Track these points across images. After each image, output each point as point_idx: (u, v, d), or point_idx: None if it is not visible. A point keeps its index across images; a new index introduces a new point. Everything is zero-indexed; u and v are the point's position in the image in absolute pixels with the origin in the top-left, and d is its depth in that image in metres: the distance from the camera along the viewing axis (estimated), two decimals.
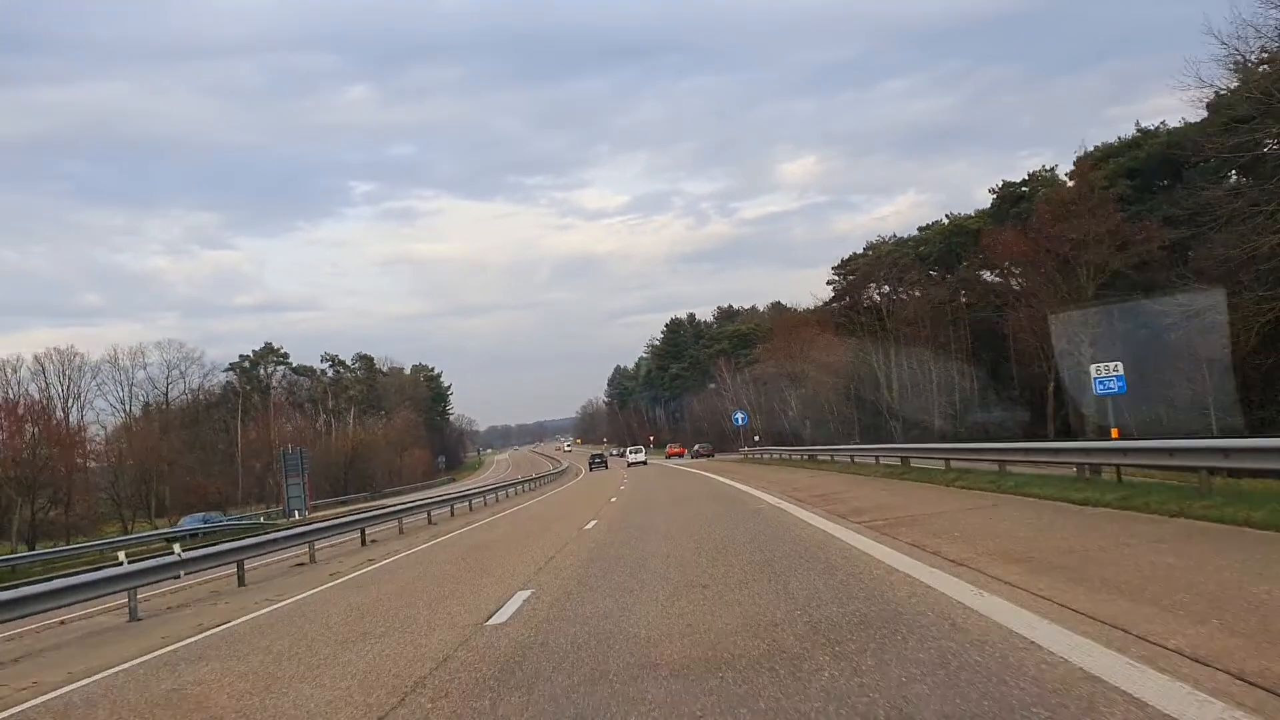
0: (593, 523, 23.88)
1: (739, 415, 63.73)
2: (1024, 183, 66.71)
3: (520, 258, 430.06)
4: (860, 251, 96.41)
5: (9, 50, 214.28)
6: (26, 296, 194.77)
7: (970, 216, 71.47)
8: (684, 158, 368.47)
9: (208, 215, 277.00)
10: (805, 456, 47.91)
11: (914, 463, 30.16)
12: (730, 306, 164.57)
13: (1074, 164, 61.05)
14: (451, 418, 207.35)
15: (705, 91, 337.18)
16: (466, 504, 41.67)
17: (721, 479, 39.27)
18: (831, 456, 41.90)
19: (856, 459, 37.64)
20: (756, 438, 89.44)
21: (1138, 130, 59.39)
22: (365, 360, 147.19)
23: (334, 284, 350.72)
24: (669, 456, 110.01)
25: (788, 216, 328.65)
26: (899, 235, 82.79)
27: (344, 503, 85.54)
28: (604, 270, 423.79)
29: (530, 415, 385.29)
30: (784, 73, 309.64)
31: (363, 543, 27.18)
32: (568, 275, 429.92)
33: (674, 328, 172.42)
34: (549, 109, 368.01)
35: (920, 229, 79.48)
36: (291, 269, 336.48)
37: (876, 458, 34.89)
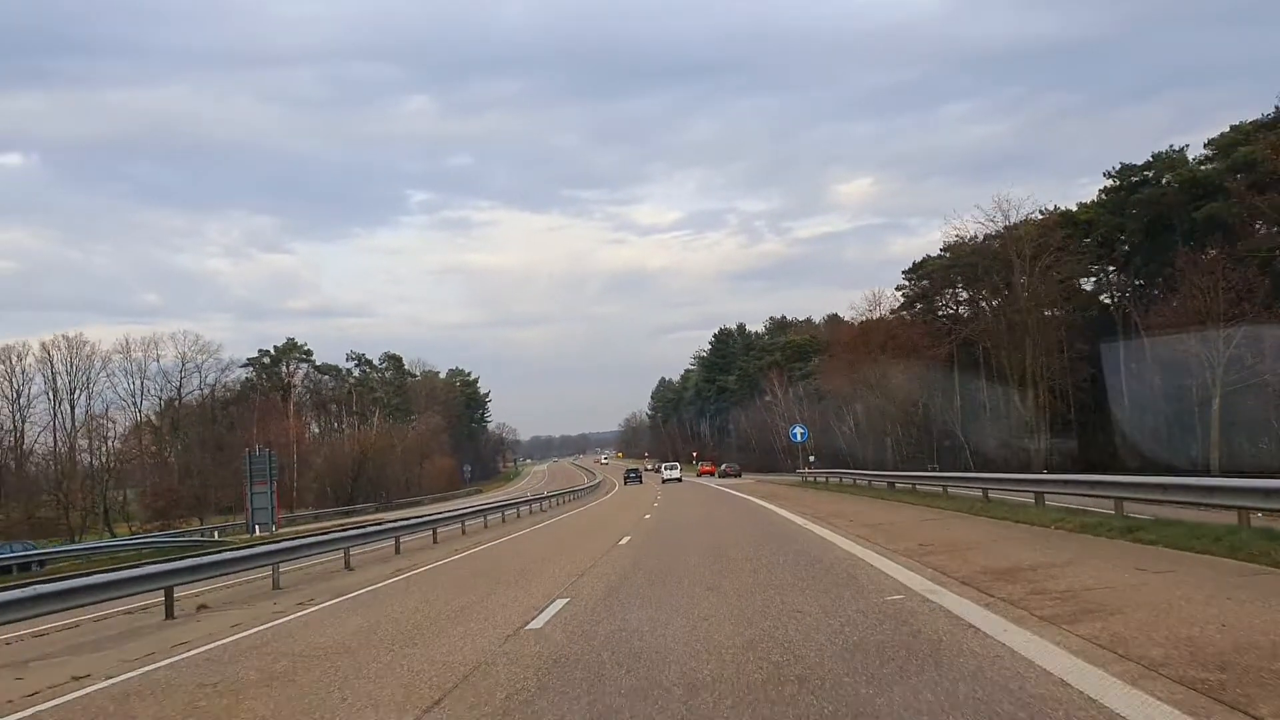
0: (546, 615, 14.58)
1: (797, 429, 53.97)
2: (1145, 165, 56.35)
3: (572, 271, 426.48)
4: (935, 255, 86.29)
5: (75, 53, 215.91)
6: (87, 294, 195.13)
7: (1078, 208, 60.90)
8: (738, 176, 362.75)
9: (266, 219, 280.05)
10: (882, 484, 37.79)
11: (1049, 498, 20.35)
12: (783, 317, 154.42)
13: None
14: (489, 425, 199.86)
15: (762, 111, 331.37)
16: (482, 520, 35.30)
17: (777, 510, 29.67)
18: (914, 485, 31.82)
19: (950, 490, 27.60)
20: (812, 458, 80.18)
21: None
22: (394, 361, 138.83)
23: (388, 291, 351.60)
24: (701, 475, 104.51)
25: (841, 237, 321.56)
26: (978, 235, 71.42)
27: (349, 513, 76.90)
28: (655, 285, 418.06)
29: (574, 427, 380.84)
30: (843, 94, 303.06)
31: (347, 565, 21.20)
32: (618, 289, 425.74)
33: (723, 338, 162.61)
34: (606, 124, 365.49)
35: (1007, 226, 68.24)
36: (346, 275, 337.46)
37: (984, 490, 24.90)
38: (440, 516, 33.29)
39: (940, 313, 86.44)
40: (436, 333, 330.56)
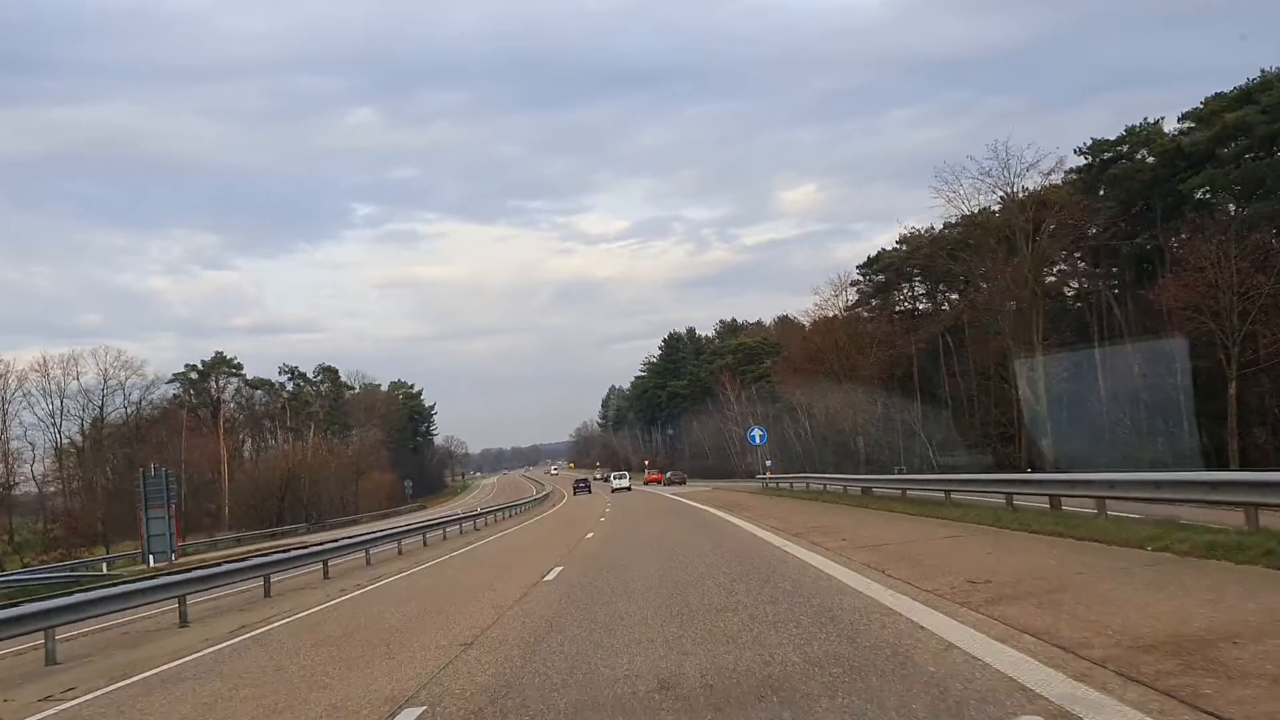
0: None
1: (755, 432, 49.33)
2: (1119, 140, 52.50)
3: (520, 281, 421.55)
4: (890, 249, 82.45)
5: (14, 70, 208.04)
6: (27, 315, 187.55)
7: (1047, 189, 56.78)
8: (686, 184, 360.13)
9: (209, 236, 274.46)
10: (854, 489, 33.22)
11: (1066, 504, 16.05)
12: (734, 320, 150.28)
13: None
14: (436, 439, 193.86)
15: (710, 119, 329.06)
16: (421, 538, 32.87)
17: (742, 524, 25.03)
18: (904, 491, 27.08)
19: (954, 495, 23.04)
20: (768, 462, 76.24)
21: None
22: (329, 373, 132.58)
23: (333, 305, 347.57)
24: (648, 483, 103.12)
25: (788, 244, 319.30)
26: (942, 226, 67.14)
27: (275, 536, 71.20)
28: (604, 294, 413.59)
29: (525, 439, 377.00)
30: (789, 101, 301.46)
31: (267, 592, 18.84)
32: (567, 299, 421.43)
33: (673, 343, 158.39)
34: (553, 134, 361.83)
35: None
36: (290, 290, 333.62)
37: (1008, 496, 20.46)
38: (366, 538, 28.46)
39: (898, 308, 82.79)
40: (384, 346, 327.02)
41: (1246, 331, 34.89)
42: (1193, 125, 49.58)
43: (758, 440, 48.62)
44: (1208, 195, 43.03)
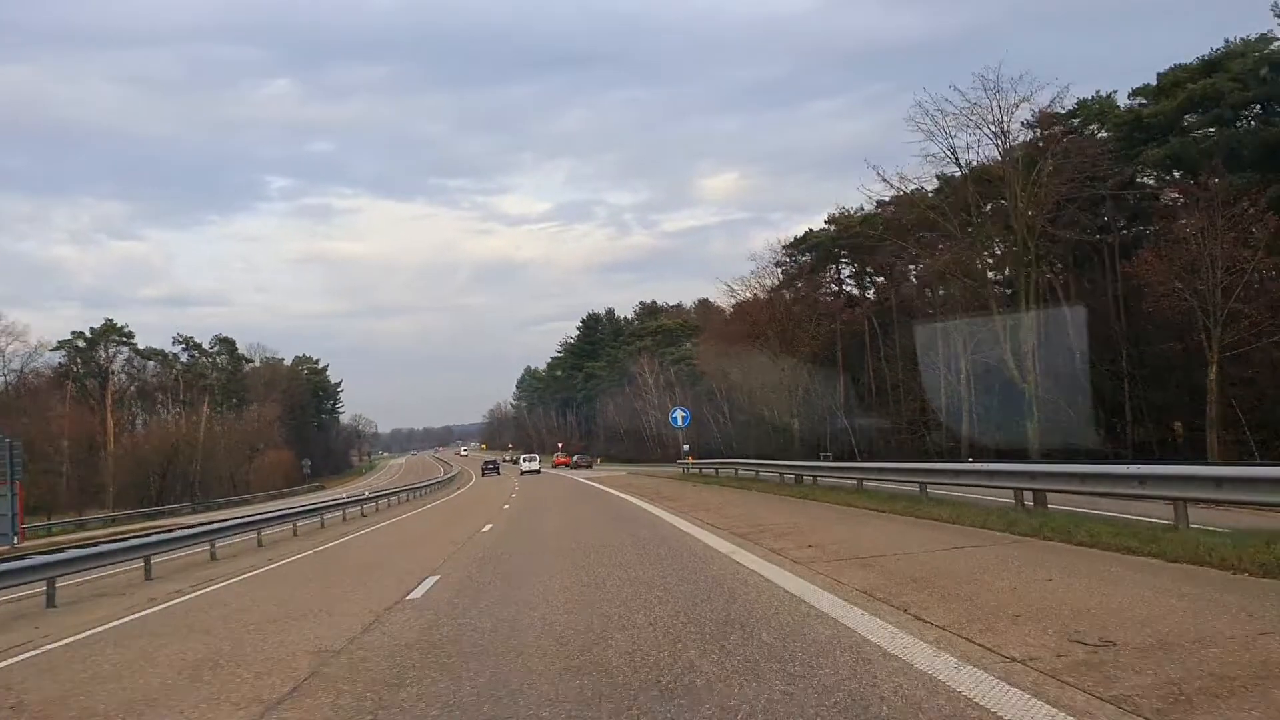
0: None
1: (678, 413, 45.28)
2: (1070, 114, 49.44)
3: (438, 260, 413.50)
4: (818, 229, 79.21)
5: None
6: None
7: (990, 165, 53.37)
8: (608, 168, 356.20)
9: (117, 205, 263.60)
10: (789, 477, 29.38)
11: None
12: (654, 302, 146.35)
13: None
14: (342, 417, 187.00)
15: (633, 103, 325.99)
16: (291, 526, 28.17)
17: (670, 519, 21.00)
18: (859, 481, 23.21)
19: (931, 488, 18.98)
20: (686, 447, 72.89)
21: None
22: (226, 344, 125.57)
23: (245, 279, 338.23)
24: (555, 465, 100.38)
25: (707, 230, 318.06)
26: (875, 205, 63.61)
27: (154, 516, 65.52)
28: (524, 276, 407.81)
29: (438, 419, 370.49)
30: (712, 88, 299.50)
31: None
32: (486, 280, 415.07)
33: (591, 324, 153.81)
34: (475, 112, 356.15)
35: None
36: (201, 263, 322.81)
37: (1022, 492, 17.05)
38: (234, 523, 23.97)
39: (823, 290, 79.53)
40: (296, 322, 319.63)
41: (1229, 311, 31.67)
42: (1143, 101, 46.81)
43: (680, 422, 44.63)
44: (1170, 168, 39.69)
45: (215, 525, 22.90)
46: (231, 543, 23.61)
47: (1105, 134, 47.32)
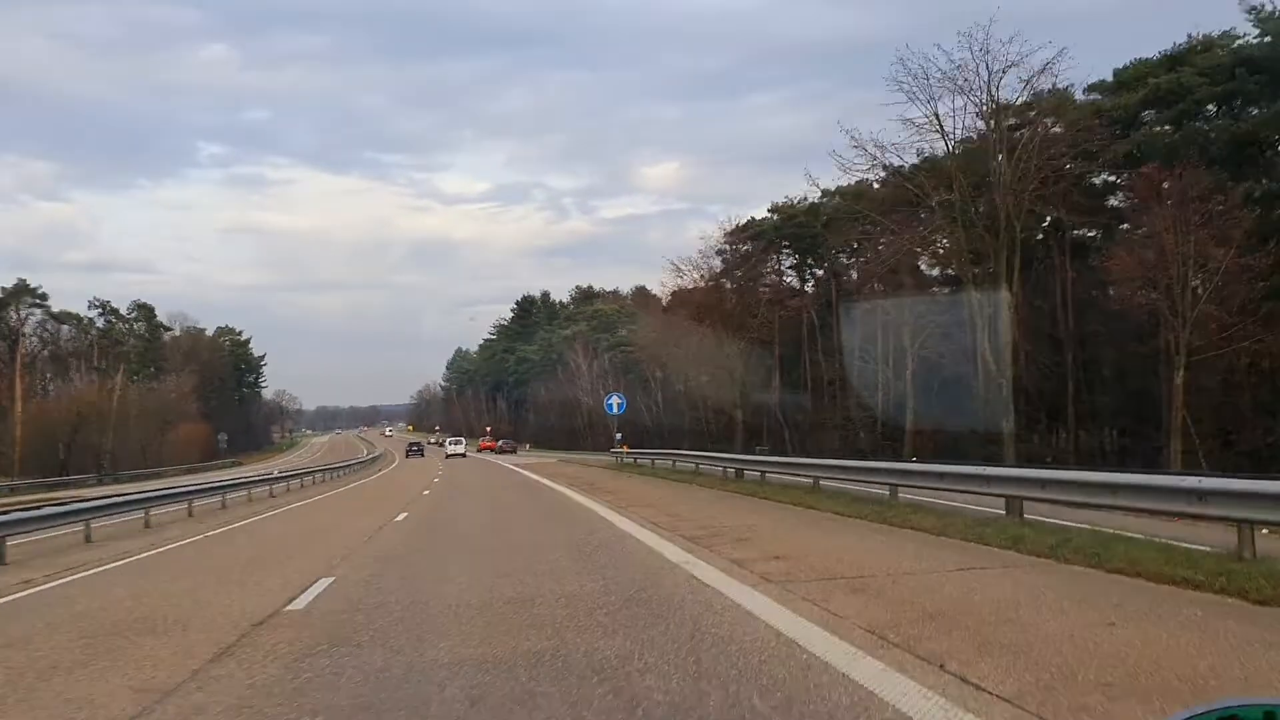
0: None
1: (614, 399, 43.08)
2: (1025, 106, 48.05)
3: (373, 236, 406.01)
4: (761, 216, 77.55)
5: None
6: None
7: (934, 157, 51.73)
8: (549, 151, 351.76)
9: (43, 165, 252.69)
10: (729, 470, 27.49)
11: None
12: (590, 287, 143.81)
13: None
14: (265, 392, 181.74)
15: (575, 86, 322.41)
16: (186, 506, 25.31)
17: (613, 518, 18.95)
18: (816, 481, 21.27)
19: (902, 490, 16.81)
20: (619, 435, 71.20)
21: None
22: (145, 311, 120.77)
23: (174, 248, 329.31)
24: (480, 449, 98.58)
25: (646, 219, 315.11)
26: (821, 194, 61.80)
27: (57, 487, 61.90)
28: (459, 256, 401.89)
29: (365, 398, 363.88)
30: (653, 75, 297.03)
31: None
32: (421, 259, 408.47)
33: (526, 306, 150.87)
34: (414, 88, 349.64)
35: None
36: (129, 229, 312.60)
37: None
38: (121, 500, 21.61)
39: (763, 281, 77.90)
40: (225, 294, 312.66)
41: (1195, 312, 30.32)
42: (1098, 96, 45.58)
43: (615, 409, 42.45)
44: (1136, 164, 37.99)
45: (93, 503, 20.38)
46: (114, 523, 21.12)
47: (1058, 129, 45.98)
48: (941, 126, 40.60)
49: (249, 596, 10.03)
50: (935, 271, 55.44)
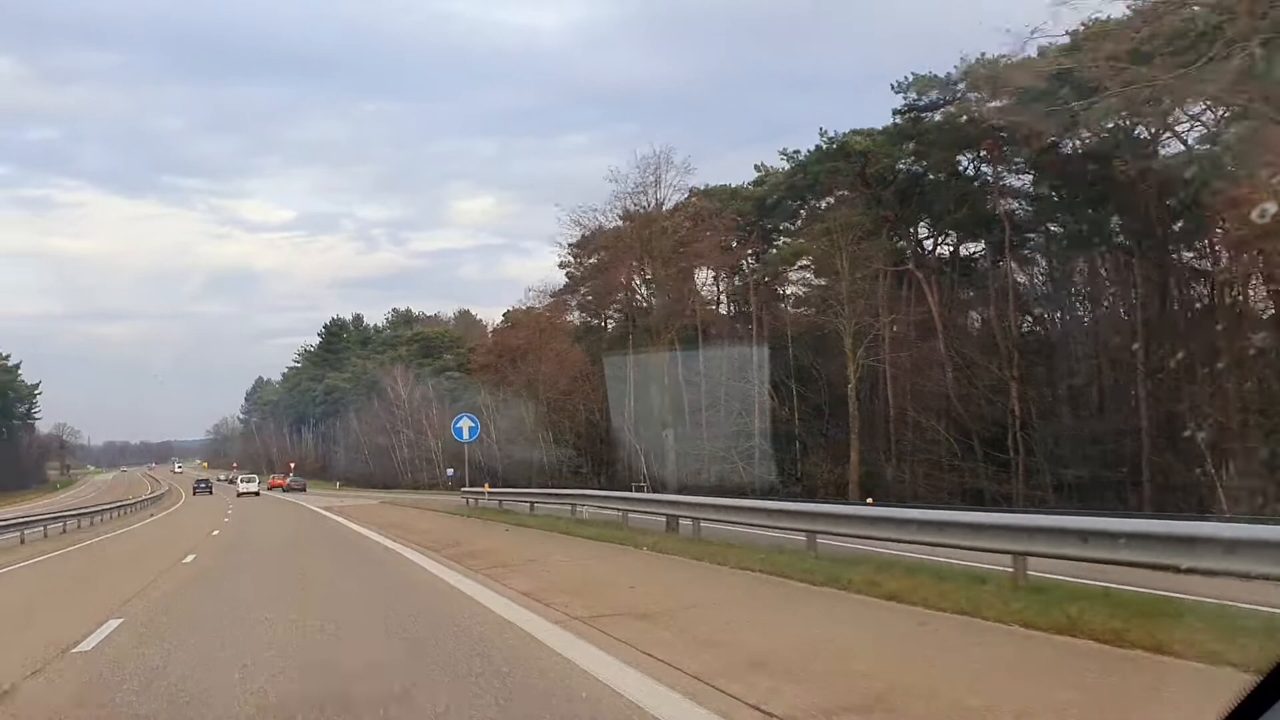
0: None
1: (463, 422, 32.46)
2: (933, 105, 41.53)
3: (172, 264, 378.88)
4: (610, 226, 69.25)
5: None
6: None
7: (853, 135, 44.62)
8: (359, 181, 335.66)
9: None
10: (612, 514, 18.23)
11: None
12: (409, 310, 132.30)
13: None
14: (39, 424, 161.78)
15: (385, 117, 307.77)
16: None
17: (543, 627, 9.20)
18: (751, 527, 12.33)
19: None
20: (450, 471, 61.73)
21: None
22: None
23: None
24: (271, 487, 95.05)
25: (461, 253, 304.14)
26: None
27: None
28: (263, 286, 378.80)
29: (158, 433, 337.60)
30: (464, 110, 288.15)
31: None
32: (221, 288, 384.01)
33: (335, 330, 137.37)
34: (215, 111, 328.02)
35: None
36: None
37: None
38: None
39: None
40: (8, 323, 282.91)
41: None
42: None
43: (466, 435, 32.21)
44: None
45: None
46: None
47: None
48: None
49: None
50: None
